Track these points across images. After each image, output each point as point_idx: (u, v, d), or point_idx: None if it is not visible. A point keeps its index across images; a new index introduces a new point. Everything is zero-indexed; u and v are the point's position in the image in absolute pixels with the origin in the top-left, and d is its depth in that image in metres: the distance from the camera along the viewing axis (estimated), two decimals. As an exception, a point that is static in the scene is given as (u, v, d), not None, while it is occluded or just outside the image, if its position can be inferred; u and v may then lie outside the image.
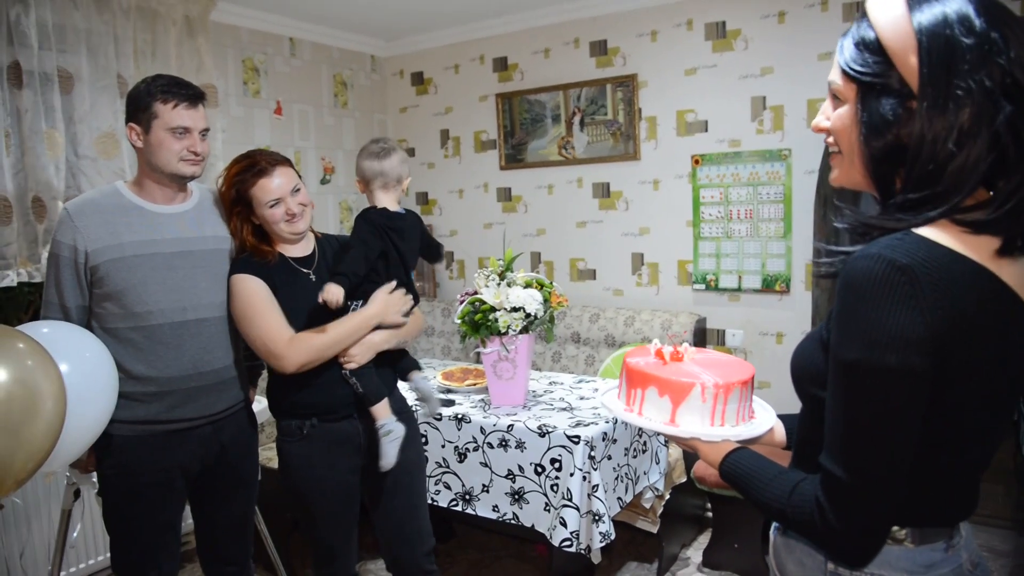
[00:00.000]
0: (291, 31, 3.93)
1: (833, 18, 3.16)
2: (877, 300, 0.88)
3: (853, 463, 0.93)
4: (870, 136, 0.94)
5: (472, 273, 4.43)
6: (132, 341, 1.94)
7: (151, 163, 1.95)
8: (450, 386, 3.03)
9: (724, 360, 1.29)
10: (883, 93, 0.92)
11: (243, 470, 2.20)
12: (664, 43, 3.59)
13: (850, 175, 1.01)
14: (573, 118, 3.89)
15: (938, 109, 0.87)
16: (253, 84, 3.77)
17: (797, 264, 3.35)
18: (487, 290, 2.68)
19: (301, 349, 1.96)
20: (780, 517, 1.03)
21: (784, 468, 1.06)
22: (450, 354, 4.23)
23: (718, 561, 3.21)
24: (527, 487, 2.54)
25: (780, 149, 3.33)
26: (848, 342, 0.91)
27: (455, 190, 4.42)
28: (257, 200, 2.00)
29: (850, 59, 0.95)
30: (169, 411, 1.97)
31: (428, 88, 4.45)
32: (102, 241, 1.90)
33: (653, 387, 1.19)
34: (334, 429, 2.08)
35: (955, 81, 0.86)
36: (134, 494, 1.97)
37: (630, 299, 3.85)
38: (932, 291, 0.87)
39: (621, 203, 3.83)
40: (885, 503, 0.94)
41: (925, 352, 0.88)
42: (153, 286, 1.94)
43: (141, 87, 1.93)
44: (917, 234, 0.92)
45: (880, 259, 0.88)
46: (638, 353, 1.30)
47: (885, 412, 0.91)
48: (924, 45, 0.88)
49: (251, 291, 1.99)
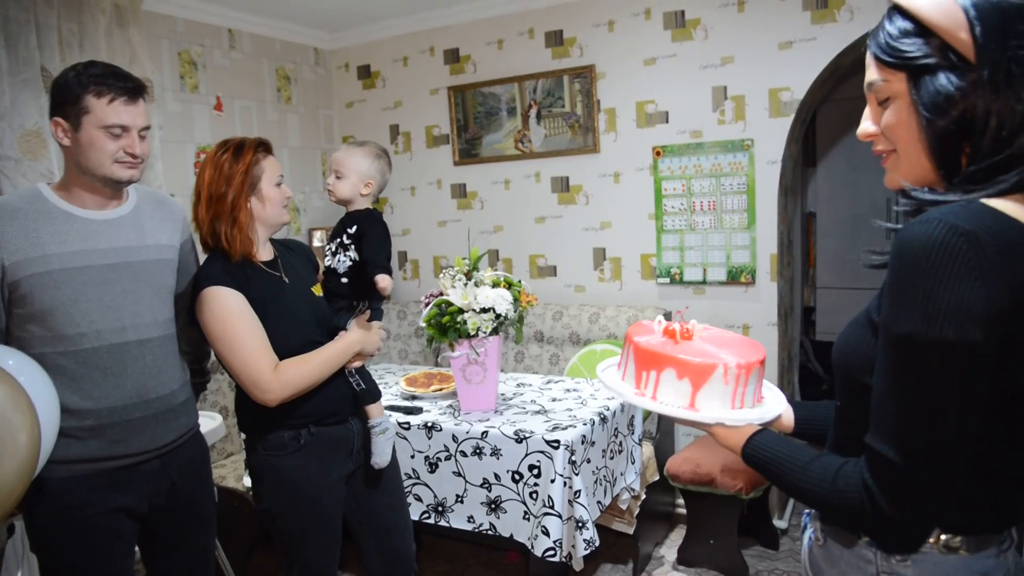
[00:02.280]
0: (230, 22, 3.70)
1: (792, 6, 3.14)
2: (936, 268, 0.83)
3: (906, 443, 0.87)
4: (932, 117, 0.90)
5: (427, 273, 4.28)
6: (62, 368, 1.68)
7: (80, 164, 1.69)
8: (415, 392, 2.89)
9: (733, 338, 1.22)
10: (939, 70, 0.89)
11: (199, 505, 1.96)
12: (622, 33, 3.52)
13: (911, 169, 0.96)
14: (529, 111, 3.78)
15: (1001, 73, 0.85)
16: (191, 78, 3.54)
17: (762, 255, 3.33)
18: (454, 291, 2.55)
19: (287, 383, 1.82)
20: (821, 503, 0.98)
21: (817, 451, 1.01)
22: (408, 358, 4.08)
23: (693, 558, 3.16)
24: (504, 496, 2.42)
25: (742, 139, 3.29)
26: (903, 314, 0.86)
27: (407, 187, 4.26)
28: (268, 176, 1.88)
29: (892, 50, 0.92)
30: (110, 447, 1.73)
31: (376, 82, 4.27)
32: (23, 253, 1.63)
33: (671, 368, 1.09)
34: (330, 434, 1.96)
35: (1012, 42, 0.85)
36: (75, 545, 1.71)
37: (593, 295, 3.77)
38: (998, 261, 0.82)
39: (581, 197, 3.75)
40: (941, 487, 0.88)
41: (987, 325, 0.82)
42: (85, 304, 1.69)
43: (70, 76, 1.67)
44: (982, 202, 0.87)
45: (941, 224, 0.83)
46: (641, 331, 1.21)
47: (942, 389, 0.85)
48: (973, 15, 0.86)
49: (230, 310, 1.79)
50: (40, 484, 1.68)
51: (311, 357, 1.88)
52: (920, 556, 0.96)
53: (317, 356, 1.89)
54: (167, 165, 3.31)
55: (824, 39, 3.10)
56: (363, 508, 2.09)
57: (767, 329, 3.36)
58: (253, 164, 1.85)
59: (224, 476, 3.02)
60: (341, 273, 2.02)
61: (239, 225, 1.83)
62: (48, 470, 1.67)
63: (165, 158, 3.29)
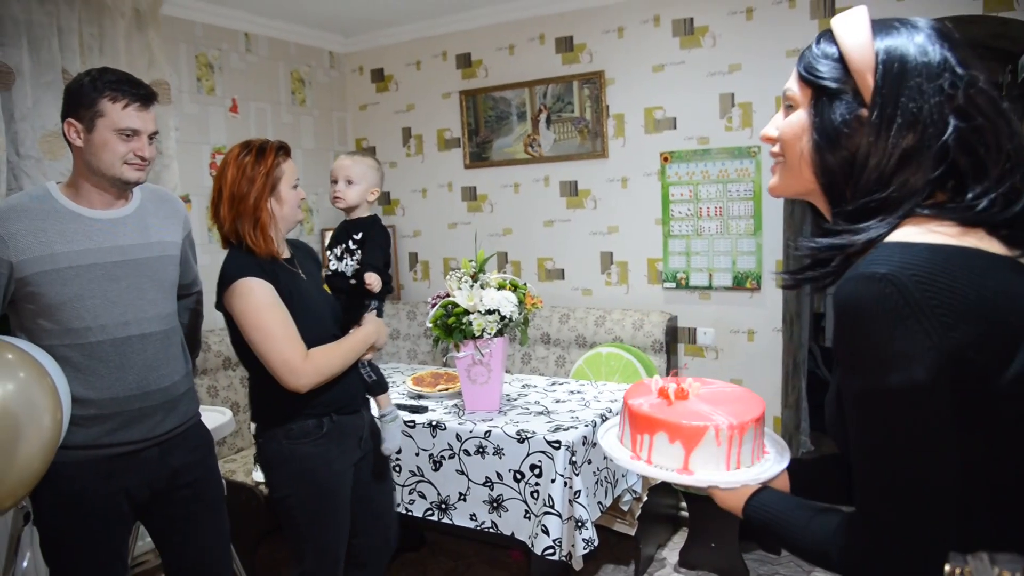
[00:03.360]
0: (246, 26, 3.78)
1: (801, 14, 3.16)
2: (868, 321, 0.84)
3: (889, 498, 0.87)
4: (821, 142, 0.95)
5: (437, 274, 4.33)
6: (69, 360, 1.76)
7: (91, 165, 1.77)
8: (421, 392, 2.94)
9: (732, 394, 1.21)
10: (837, 99, 0.94)
11: (203, 492, 2.02)
12: (631, 39, 3.56)
13: (793, 184, 1.02)
14: (539, 116, 3.83)
15: (886, 119, 0.90)
16: (207, 81, 3.61)
17: (767, 261, 3.35)
18: (460, 292, 2.60)
19: (318, 369, 1.94)
20: (825, 562, 0.96)
21: (817, 507, 1.00)
22: (416, 357, 4.14)
23: (694, 561, 3.19)
24: (506, 494, 2.47)
25: (749, 146, 3.32)
26: (851, 373, 0.88)
27: (418, 190, 4.32)
28: (287, 179, 1.97)
29: (809, 66, 0.97)
30: (111, 434, 1.81)
31: (389, 85, 4.33)
32: (32, 251, 1.71)
33: (662, 432, 1.10)
34: (346, 423, 2.08)
35: (905, 93, 0.90)
36: (76, 524, 1.80)
37: (600, 299, 3.81)
38: (922, 294, 0.83)
39: (589, 201, 3.79)
40: (934, 532, 0.87)
41: (932, 362, 0.82)
42: (91, 300, 1.76)
43: (85, 81, 1.75)
44: (895, 241, 0.90)
45: (863, 278, 0.85)
46: (638, 392, 1.21)
47: (908, 437, 0.85)
48: (880, 59, 0.92)
49: (263, 300, 1.90)
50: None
51: (337, 346, 2.01)
52: None
53: (341, 345, 2.02)
54: (183, 165, 3.39)
55: (831, 47, 3.12)
56: (364, 493, 2.19)
57: (772, 334, 3.38)
58: (275, 167, 1.94)
59: (234, 471, 3.08)
60: (350, 276, 2.16)
61: (261, 225, 1.93)
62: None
63: (181, 158, 3.36)
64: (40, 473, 1.64)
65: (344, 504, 2.08)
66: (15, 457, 1.55)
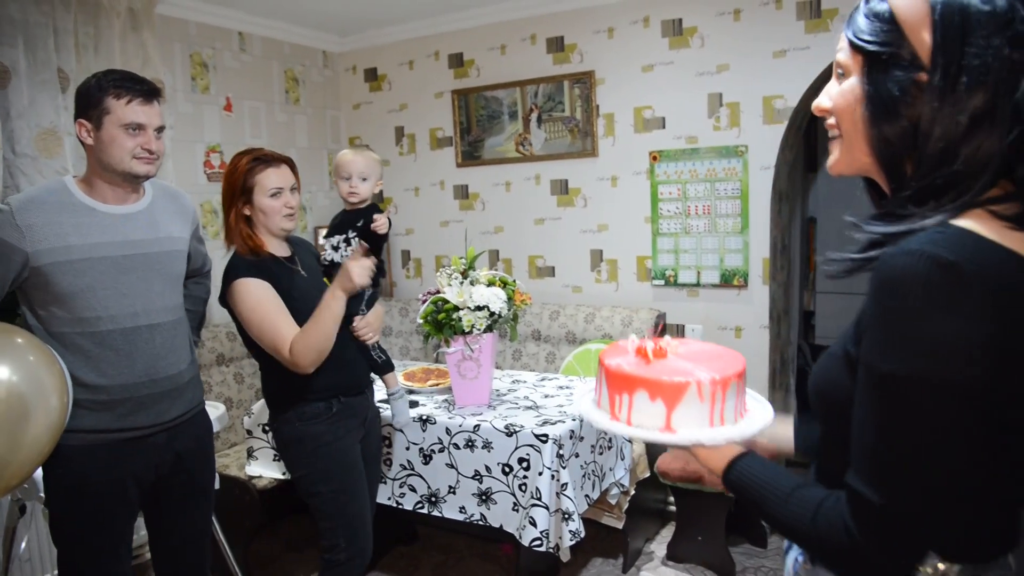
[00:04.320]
0: (240, 25, 3.81)
1: (787, 15, 3.21)
2: (920, 303, 0.77)
3: (889, 486, 0.82)
4: (876, 113, 0.87)
5: (429, 272, 4.37)
6: (80, 348, 1.85)
7: (102, 161, 1.86)
8: (412, 387, 2.98)
9: (711, 351, 1.16)
10: (892, 65, 0.85)
11: (200, 479, 2.13)
12: (621, 40, 3.60)
13: (851, 160, 0.93)
14: (530, 115, 3.87)
15: (950, 81, 0.81)
16: (202, 79, 3.65)
17: (755, 259, 3.40)
18: (450, 289, 2.64)
19: (305, 349, 2.02)
20: (800, 539, 0.93)
21: (799, 480, 0.96)
22: (408, 354, 4.18)
23: (682, 554, 3.24)
24: (495, 487, 2.51)
25: (737, 145, 3.37)
26: (886, 351, 0.81)
27: (410, 188, 4.36)
28: (261, 187, 2.06)
29: (859, 29, 0.89)
30: (120, 420, 1.89)
31: (382, 84, 4.37)
32: (47, 243, 1.79)
33: (642, 391, 1.04)
34: (354, 404, 2.24)
35: (969, 50, 0.80)
36: (84, 506, 1.88)
37: (589, 296, 3.86)
38: (983, 291, 0.77)
39: (579, 200, 3.83)
40: (925, 531, 0.83)
41: (977, 363, 0.77)
42: (102, 291, 1.85)
43: (91, 82, 1.85)
44: (958, 226, 0.81)
45: (922, 256, 0.78)
46: (614, 352, 1.15)
47: (928, 431, 0.80)
48: (937, 14, 0.82)
49: (260, 297, 2.03)
50: (56, 450, 1.83)
51: (313, 322, 2.06)
52: None
53: (315, 316, 2.06)
54: (177, 164, 3.42)
55: (817, 48, 3.17)
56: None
57: (759, 331, 3.43)
58: (243, 176, 2.07)
59: (227, 465, 3.12)
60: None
61: (240, 229, 2.08)
62: (64, 438, 1.82)
63: (175, 156, 3.40)
64: (47, 453, 1.72)
65: (361, 475, 2.22)
66: (24, 436, 1.63)
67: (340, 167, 2.33)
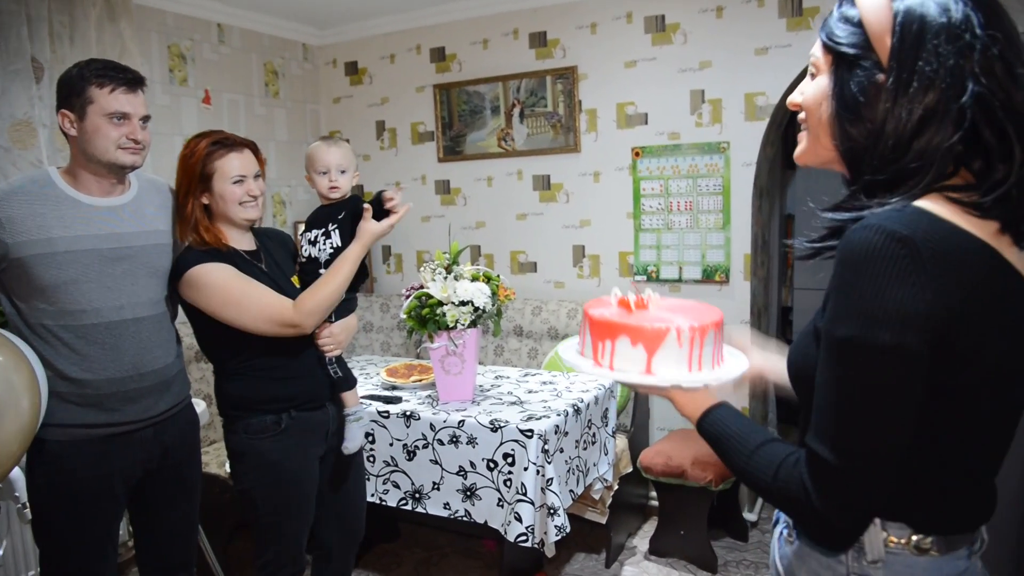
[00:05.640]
0: (219, 16, 3.75)
1: (769, 13, 3.23)
2: (874, 273, 0.84)
3: (841, 444, 0.89)
4: (840, 109, 0.94)
5: (410, 267, 4.35)
6: (65, 341, 1.81)
7: (86, 152, 1.81)
8: (395, 383, 2.96)
9: (690, 305, 1.22)
10: (857, 66, 0.93)
11: (187, 473, 2.09)
12: (604, 35, 3.60)
13: (815, 151, 1.01)
14: (512, 110, 3.86)
15: (903, 84, 0.88)
16: (180, 72, 3.59)
17: (736, 255, 3.42)
18: (434, 284, 2.63)
19: (311, 310, 1.94)
20: (762, 493, 0.99)
21: (768, 435, 1.02)
22: (389, 350, 4.15)
23: (664, 548, 3.25)
24: (479, 483, 2.50)
25: (719, 142, 3.38)
26: (842, 317, 0.88)
27: (391, 183, 4.32)
28: (221, 173, 1.93)
29: (831, 31, 0.96)
30: (107, 415, 1.85)
31: (363, 78, 4.33)
32: (28, 235, 1.75)
33: (624, 336, 1.09)
34: (309, 419, 2.07)
35: (922, 56, 0.87)
36: (70, 504, 1.84)
37: (572, 291, 3.86)
38: (934, 265, 0.84)
39: (562, 195, 3.83)
40: (874, 487, 0.90)
41: (924, 330, 0.84)
42: (86, 285, 1.81)
43: (73, 71, 1.80)
44: (916, 206, 0.89)
45: (879, 230, 0.85)
46: (598, 304, 1.21)
47: (877, 392, 0.87)
48: (898, 21, 0.89)
49: (223, 277, 1.90)
50: (40, 445, 1.80)
51: (325, 278, 1.99)
52: (891, 557, 0.96)
53: (327, 277, 1.99)
54: (155, 156, 3.35)
55: (799, 45, 3.19)
56: (331, 487, 2.21)
57: (740, 327, 3.45)
58: (202, 159, 1.94)
59: (207, 463, 3.08)
60: (323, 262, 2.11)
61: (196, 219, 1.95)
62: (48, 433, 1.79)
63: (153, 149, 3.28)
64: (18, 456, 1.67)
65: (306, 497, 2.07)
66: None
67: (315, 161, 2.15)
